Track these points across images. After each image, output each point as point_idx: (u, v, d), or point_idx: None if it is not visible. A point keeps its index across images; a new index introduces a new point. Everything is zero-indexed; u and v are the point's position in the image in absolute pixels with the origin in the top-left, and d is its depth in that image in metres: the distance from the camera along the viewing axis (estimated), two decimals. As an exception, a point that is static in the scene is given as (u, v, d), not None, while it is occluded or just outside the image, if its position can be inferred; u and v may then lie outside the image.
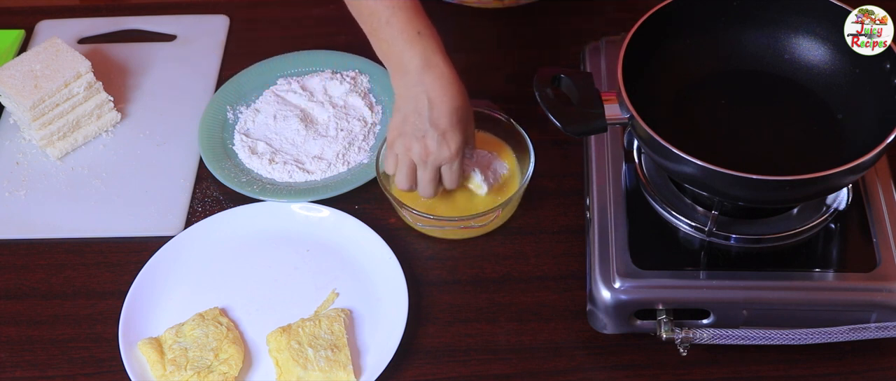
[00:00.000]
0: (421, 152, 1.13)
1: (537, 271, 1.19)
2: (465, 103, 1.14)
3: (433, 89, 1.11)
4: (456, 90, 1.12)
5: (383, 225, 1.23)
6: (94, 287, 1.20)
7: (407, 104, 1.13)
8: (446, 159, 1.14)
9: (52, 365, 1.14)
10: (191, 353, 1.11)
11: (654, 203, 1.14)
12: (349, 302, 1.17)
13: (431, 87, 1.11)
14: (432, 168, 1.15)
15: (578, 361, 1.12)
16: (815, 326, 1.05)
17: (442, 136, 1.12)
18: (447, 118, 1.12)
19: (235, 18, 1.49)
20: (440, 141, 1.12)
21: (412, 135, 1.13)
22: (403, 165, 1.16)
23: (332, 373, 1.09)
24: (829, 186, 1.07)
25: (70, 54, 1.30)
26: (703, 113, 1.15)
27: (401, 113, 1.14)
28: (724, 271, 1.09)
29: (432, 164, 1.14)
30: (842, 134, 1.11)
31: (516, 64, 1.40)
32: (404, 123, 1.13)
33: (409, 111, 1.12)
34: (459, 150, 1.14)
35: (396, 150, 1.16)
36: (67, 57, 1.30)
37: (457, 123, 1.13)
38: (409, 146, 1.14)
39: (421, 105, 1.11)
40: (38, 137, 1.30)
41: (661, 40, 1.14)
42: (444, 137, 1.12)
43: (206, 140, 1.31)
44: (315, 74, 1.38)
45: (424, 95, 1.11)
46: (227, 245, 1.22)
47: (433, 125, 1.12)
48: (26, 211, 1.27)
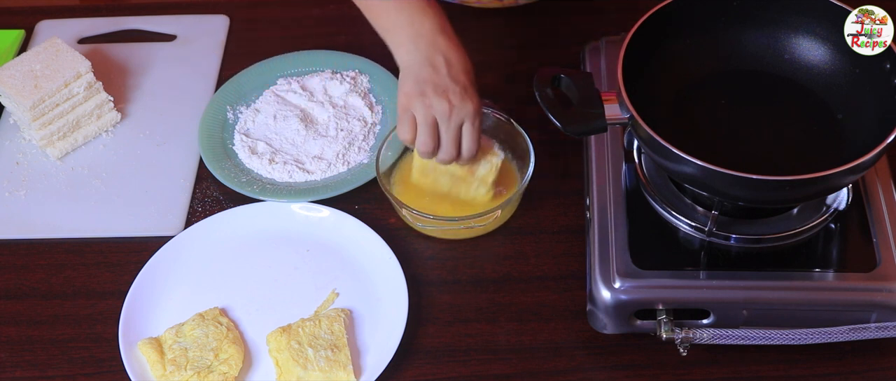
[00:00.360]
0: (444, 107, 1.11)
1: (537, 271, 1.19)
2: (474, 71, 1.14)
3: (448, 50, 1.12)
4: (467, 54, 1.14)
5: (383, 225, 1.23)
6: (94, 287, 1.20)
7: (422, 67, 1.12)
8: (470, 114, 1.13)
9: (52, 365, 1.14)
10: (191, 353, 1.11)
11: (654, 203, 1.14)
12: (349, 302, 1.17)
13: (446, 47, 1.12)
14: (456, 124, 1.13)
15: (578, 361, 1.12)
16: (815, 326, 1.05)
17: (464, 90, 1.12)
18: (466, 76, 1.12)
19: (235, 18, 1.49)
20: (463, 95, 1.12)
21: (433, 92, 1.11)
22: (425, 125, 1.13)
23: (332, 373, 1.09)
24: (829, 186, 1.07)
25: (70, 54, 1.30)
26: (703, 113, 1.15)
27: (413, 76, 1.12)
28: (724, 271, 1.09)
29: (456, 119, 1.12)
30: (842, 134, 1.11)
31: (516, 64, 1.40)
32: (421, 84, 1.12)
33: (426, 72, 1.12)
34: (480, 107, 1.14)
35: (416, 110, 1.12)
36: (67, 57, 1.30)
37: (473, 83, 1.13)
38: (430, 104, 1.12)
39: (438, 63, 1.12)
40: (38, 137, 1.30)
41: (661, 40, 1.14)
42: (466, 92, 1.12)
43: (206, 140, 1.31)
44: (315, 74, 1.38)
45: (440, 54, 1.12)
46: (227, 245, 1.22)
47: (454, 80, 1.12)
48: (26, 211, 1.27)
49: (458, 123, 1.13)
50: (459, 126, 1.13)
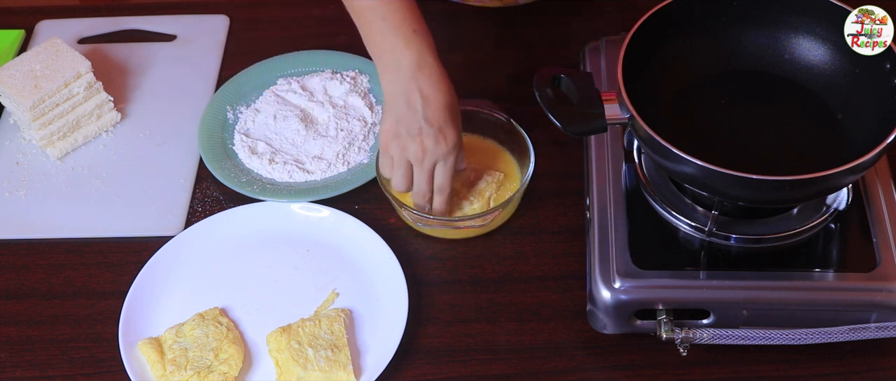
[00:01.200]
0: (417, 151, 1.13)
1: (537, 271, 1.19)
2: (456, 103, 1.13)
3: (426, 86, 1.11)
4: (447, 88, 1.12)
5: (383, 225, 1.23)
6: (94, 287, 1.20)
7: (399, 103, 1.12)
8: (442, 155, 1.13)
9: (52, 365, 1.14)
10: (191, 353, 1.11)
11: (654, 203, 1.14)
12: (349, 302, 1.17)
13: (424, 83, 1.11)
14: (428, 167, 1.14)
15: (578, 361, 1.12)
16: (815, 326, 1.05)
17: (438, 131, 1.12)
18: (441, 114, 1.12)
19: (235, 18, 1.49)
20: (437, 137, 1.12)
21: (407, 134, 1.12)
22: (399, 166, 1.15)
23: (332, 373, 1.09)
24: (829, 186, 1.07)
25: (70, 54, 1.30)
26: (703, 113, 1.15)
27: (392, 113, 1.13)
28: (724, 271, 1.09)
29: (429, 161, 1.14)
30: (842, 134, 1.11)
31: (516, 64, 1.40)
32: (397, 124, 1.13)
33: (402, 110, 1.12)
34: (456, 145, 1.14)
35: (391, 152, 1.15)
36: (67, 57, 1.30)
37: (451, 119, 1.12)
38: (404, 146, 1.13)
39: (414, 101, 1.11)
40: (38, 137, 1.30)
41: (661, 40, 1.14)
42: (441, 132, 1.12)
43: (206, 140, 1.31)
44: (315, 74, 1.38)
45: (417, 91, 1.11)
46: (227, 245, 1.22)
47: (428, 122, 1.11)
48: (26, 211, 1.27)
49: (430, 165, 1.14)
50: (432, 167, 1.14)
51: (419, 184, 1.16)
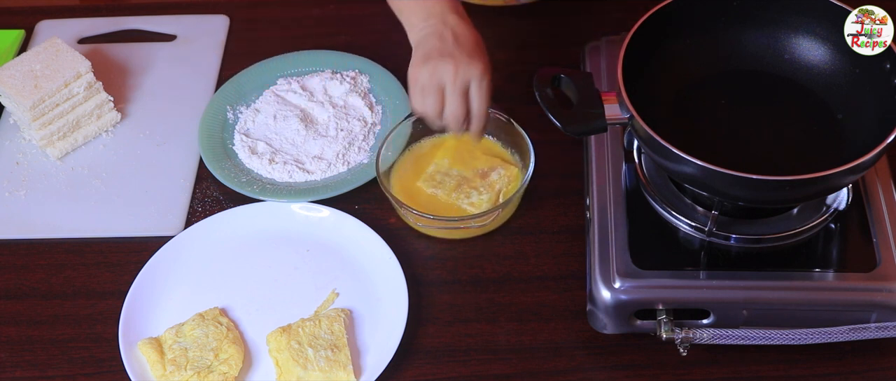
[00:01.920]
0: (449, 70, 1.12)
1: (537, 271, 1.19)
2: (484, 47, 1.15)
3: (458, 26, 1.13)
4: (476, 32, 1.15)
5: (383, 225, 1.23)
6: (94, 287, 1.20)
7: (430, 41, 1.13)
8: (476, 74, 1.13)
9: (52, 365, 1.14)
10: (191, 353, 1.11)
11: (654, 203, 1.14)
12: (349, 302, 1.17)
13: (455, 24, 1.13)
14: (461, 85, 1.13)
15: (578, 361, 1.12)
16: (815, 326, 1.05)
17: (469, 56, 1.12)
18: (474, 47, 1.13)
19: (235, 18, 1.49)
20: (469, 59, 1.12)
21: (438, 57, 1.12)
22: (430, 89, 1.13)
23: (332, 373, 1.09)
24: (829, 186, 1.07)
25: (70, 54, 1.30)
26: (703, 113, 1.15)
27: (421, 50, 1.13)
28: (724, 271, 1.09)
29: (461, 79, 1.12)
30: (842, 134, 1.11)
31: (516, 64, 1.40)
32: (428, 55, 1.13)
33: (433, 43, 1.13)
34: (487, 69, 1.14)
35: (422, 78, 1.13)
36: (67, 57, 1.30)
37: (483, 53, 1.14)
38: (435, 68, 1.12)
39: (445, 35, 1.13)
40: (38, 137, 1.30)
41: (661, 40, 1.14)
42: (472, 57, 1.13)
43: (206, 140, 1.31)
44: (315, 74, 1.38)
45: (449, 29, 1.13)
46: (227, 245, 1.22)
47: (460, 48, 1.12)
48: (26, 211, 1.27)
49: (463, 83, 1.13)
50: (465, 87, 1.13)
51: (452, 104, 1.13)
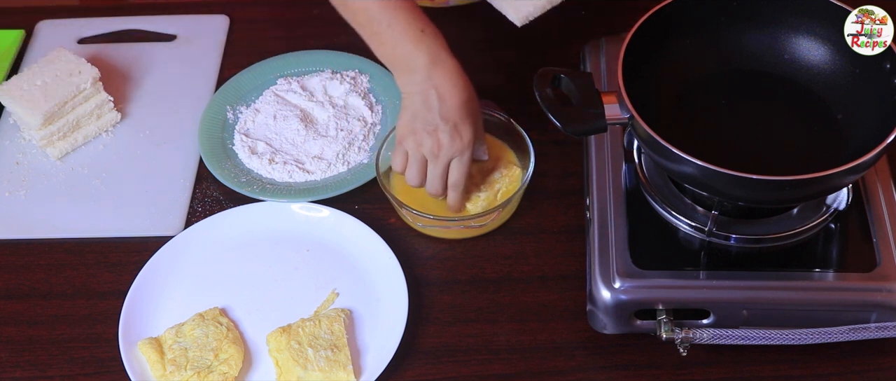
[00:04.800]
0: (432, 146, 1.13)
1: (537, 271, 1.19)
2: (473, 97, 1.14)
3: (442, 84, 1.12)
4: (464, 84, 1.13)
5: (383, 225, 1.23)
6: (94, 287, 1.20)
7: (415, 101, 1.13)
8: (458, 151, 1.14)
9: (52, 365, 1.14)
10: (191, 353, 1.11)
11: (654, 203, 1.14)
12: (349, 302, 1.17)
13: (440, 82, 1.11)
14: (444, 162, 1.15)
15: (578, 361, 1.12)
16: (815, 326, 1.05)
17: (454, 128, 1.13)
18: (458, 111, 1.12)
19: (235, 18, 1.49)
20: (452, 134, 1.13)
21: (423, 130, 1.13)
22: (414, 161, 1.16)
23: (332, 373, 1.09)
24: (829, 187, 1.07)
25: (76, 62, 1.31)
26: (703, 113, 1.15)
27: (409, 110, 1.14)
28: (724, 271, 1.09)
29: (444, 157, 1.14)
30: (842, 134, 1.11)
31: (516, 64, 1.40)
32: (414, 120, 1.13)
33: (419, 107, 1.13)
34: (471, 142, 1.14)
35: (407, 146, 1.16)
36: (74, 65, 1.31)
37: (467, 115, 1.13)
38: (420, 142, 1.14)
39: (430, 100, 1.12)
40: (37, 137, 1.30)
41: (661, 40, 1.14)
42: (456, 129, 1.13)
43: (206, 140, 1.31)
44: (315, 74, 1.38)
45: (433, 90, 1.11)
46: (227, 245, 1.22)
47: (444, 119, 1.12)
48: (26, 211, 1.27)
49: (445, 161, 1.15)
50: (447, 164, 1.15)
51: (432, 179, 1.16)
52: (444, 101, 1.11)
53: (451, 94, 1.12)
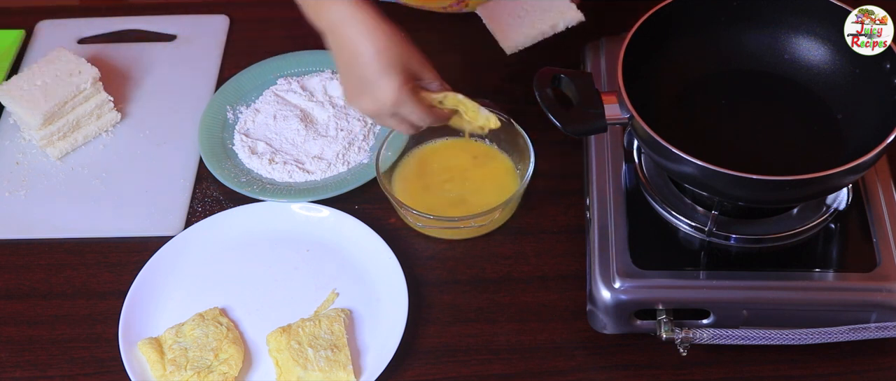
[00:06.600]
0: (371, 111, 1.11)
1: (537, 271, 1.19)
2: (389, 45, 1.08)
3: (356, 40, 1.07)
4: (377, 34, 1.07)
5: (383, 225, 1.23)
6: (94, 287, 1.20)
7: (338, 61, 1.10)
8: (393, 105, 1.09)
9: (52, 365, 1.14)
10: (191, 353, 1.11)
11: (654, 203, 1.14)
12: (349, 302, 1.17)
13: (354, 38, 1.07)
14: (390, 117, 1.11)
15: (578, 361, 1.12)
16: (815, 326, 1.05)
17: (374, 87, 1.08)
18: (372, 66, 1.07)
19: (235, 18, 1.49)
20: (374, 94, 1.09)
21: (357, 95, 1.10)
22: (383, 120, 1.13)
23: (332, 373, 1.09)
24: (829, 187, 1.07)
25: (76, 62, 1.31)
26: (703, 113, 1.15)
27: (341, 75, 1.12)
28: (724, 271, 1.09)
29: (386, 116, 1.11)
30: (842, 134, 1.11)
31: (516, 64, 1.40)
32: (346, 83, 1.11)
33: (342, 68, 1.10)
34: (396, 93, 1.08)
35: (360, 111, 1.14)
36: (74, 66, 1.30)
37: (384, 67, 1.07)
38: (363, 108, 1.12)
39: (351, 61, 1.09)
40: (37, 137, 1.30)
41: (661, 40, 1.14)
42: (377, 86, 1.08)
43: (206, 140, 1.31)
44: (315, 74, 1.38)
45: (349, 49, 1.08)
46: (227, 245, 1.22)
47: (362, 80, 1.09)
48: (26, 211, 1.27)
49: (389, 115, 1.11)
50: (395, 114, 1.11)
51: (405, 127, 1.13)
52: (358, 58, 1.08)
53: (365, 48, 1.07)
